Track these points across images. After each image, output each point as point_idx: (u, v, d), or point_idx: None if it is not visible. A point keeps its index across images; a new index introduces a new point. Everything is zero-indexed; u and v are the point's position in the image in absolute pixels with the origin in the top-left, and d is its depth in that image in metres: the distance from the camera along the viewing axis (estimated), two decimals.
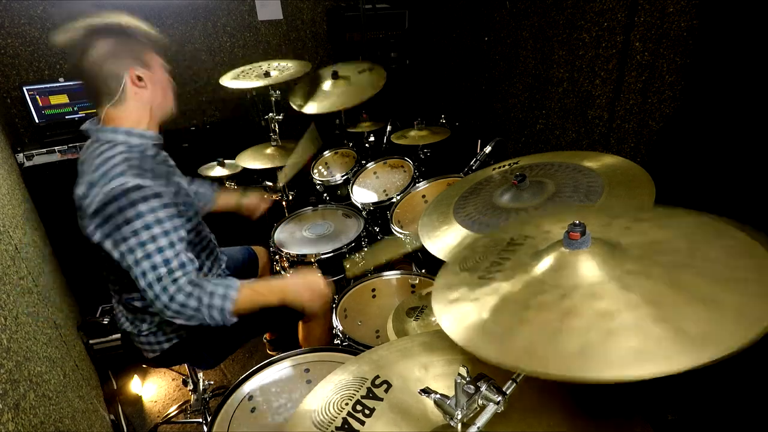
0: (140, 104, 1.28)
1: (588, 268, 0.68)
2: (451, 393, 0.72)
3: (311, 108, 2.26)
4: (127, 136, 1.26)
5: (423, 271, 1.94)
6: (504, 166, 1.42)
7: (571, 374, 0.55)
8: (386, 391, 0.88)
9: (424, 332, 1.05)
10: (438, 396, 0.73)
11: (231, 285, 1.28)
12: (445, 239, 1.14)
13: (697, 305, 0.56)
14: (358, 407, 0.86)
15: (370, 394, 0.88)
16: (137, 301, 1.36)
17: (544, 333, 0.61)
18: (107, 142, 1.24)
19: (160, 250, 1.18)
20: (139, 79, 1.26)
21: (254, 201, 1.93)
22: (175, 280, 1.20)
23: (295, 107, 2.29)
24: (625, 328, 0.57)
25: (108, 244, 1.20)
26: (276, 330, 2.29)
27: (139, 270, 1.18)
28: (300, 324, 1.76)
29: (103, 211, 1.16)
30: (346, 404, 0.87)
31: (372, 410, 0.85)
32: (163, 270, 1.18)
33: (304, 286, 1.41)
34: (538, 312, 0.65)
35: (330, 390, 0.91)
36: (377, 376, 0.91)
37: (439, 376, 0.90)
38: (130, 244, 1.17)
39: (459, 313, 0.73)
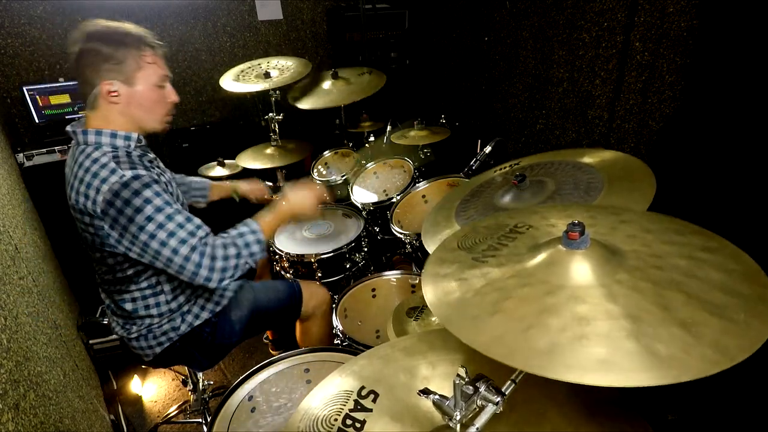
0: (116, 113, 1.27)
1: (579, 269, 0.68)
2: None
3: (310, 104, 2.26)
4: (112, 138, 1.26)
5: (422, 271, 1.93)
6: (505, 167, 1.42)
7: (533, 370, 0.56)
8: (374, 401, 0.87)
9: (403, 338, 1.05)
10: (437, 397, 0.73)
11: (249, 224, 1.34)
12: None
13: (676, 328, 0.56)
14: (348, 421, 0.84)
15: (358, 407, 0.86)
16: (128, 303, 1.36)
17: (518, 325, 0.62)
18: (92, 144, 1.24)
19: (181, 225, 1.20)
20: (112, 93, 1.23)
21: (251, 186, 1.89)
22: (206, 243, 1.23)
23: (290, 101, 2.30)
24: (596, 335, 0.57)
25: (125, 242, 1.21)
26: (272, 329, 2.29)
27: (168, 250, 1.19)
28: (297, 323, 1.75)
29: (110, 208, 1.17)
30: (335, 420, 0.85)
31: (363, 422, 0.84)
32: (192, 240, 1.20)
33: (301, 201, 1.48)
34: (518, 303, 0.66)
35: (316, 407, 0.88)
36: (362, 387, 0.90)
37: (425, 379, 0.90)
38: (149, 230, 1.18)
39: (444, 288, 0.74)
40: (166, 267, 1.22)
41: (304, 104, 2.27)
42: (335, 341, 1.60)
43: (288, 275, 2.06)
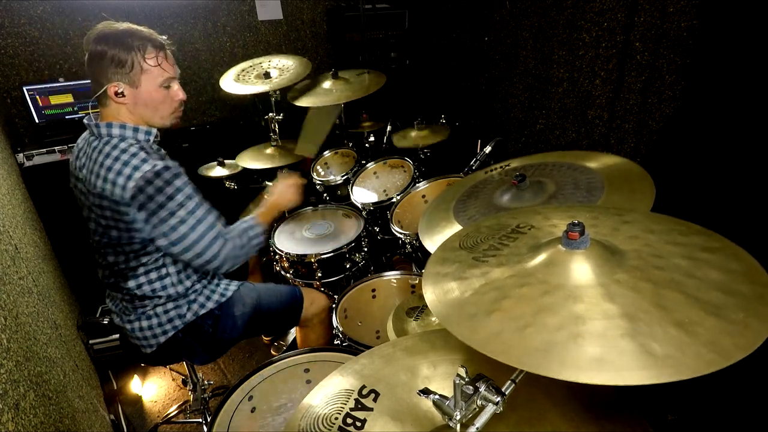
0: (124, 111, 1.33)
1: (578, 269, 0.68)
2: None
3: (309, 102, 2.25)
4: (134, 132, 1.33)
5: (423, 271, 1.93)
6: (496, 168, 1.41)
7: (528, 368, 0.56)
8: (375, 400, 0.87)
9: (404, 337, 1.05)
10: (437, 397, 0.73)
11: (248, 221, 1.49)
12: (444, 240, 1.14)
13: (672, 327, 0.56)
14: (349, 420, 0.84)
15: (359, 406, 0.86)
16: (134, 288, 1.38)
17: (515, 324, 0.62)
18: (117, 137, 1.31)
19: (209, 211, 1.35)
20: (119, 94, 1.30)
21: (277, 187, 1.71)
22: (224, 233, 1.39)
23: (289, 100, 2.30)
24: (592, 334, 0.57)
25: (149, 227, 1.27)
26: (271, 334, 2.30)
27: (196, 234, 1.31)
28: (297, 330, 1.76)
29: (140, 194, 1.23)
30: (336, 418, 0.85)
31: (363, 421, 0.84)
32: (217, 228, 1.36)
33: (284, 193, 1.65)
34: (515, 303, 0.66)
35: (317, 405, 0.88)
36: (363, 386, 0.90)
37: (426, 379, 0.90)
38: (179, 215, 1.28)
39: (444, 287, 0.75)
40: (187, 251, 1.32)
41: (303, 102, 2.27)
42: (335, 342, 1.60)
43: (288, 275, 2.06)
